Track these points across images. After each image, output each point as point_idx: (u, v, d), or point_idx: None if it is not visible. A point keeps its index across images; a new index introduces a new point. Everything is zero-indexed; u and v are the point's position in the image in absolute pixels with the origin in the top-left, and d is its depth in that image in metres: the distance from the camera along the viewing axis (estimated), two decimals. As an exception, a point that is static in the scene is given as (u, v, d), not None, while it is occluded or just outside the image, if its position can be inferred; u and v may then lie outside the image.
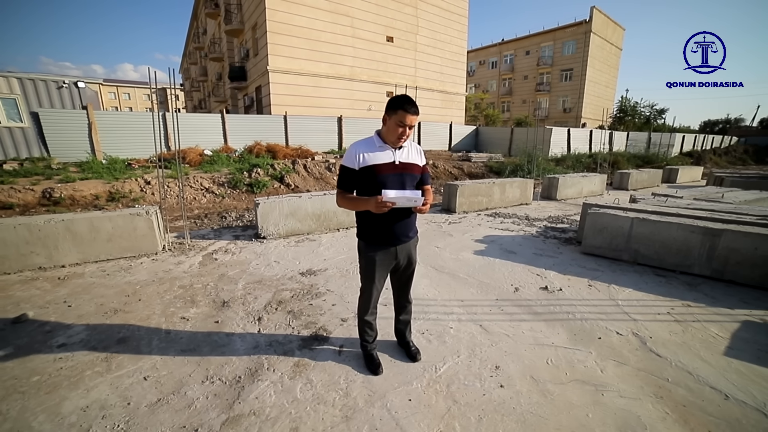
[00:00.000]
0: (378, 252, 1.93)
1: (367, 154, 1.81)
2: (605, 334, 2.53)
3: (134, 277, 3.55)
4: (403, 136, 1.78)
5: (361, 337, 2.17)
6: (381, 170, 1.81)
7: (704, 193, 5.82)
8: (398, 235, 1.92)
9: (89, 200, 7.24)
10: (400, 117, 1.73)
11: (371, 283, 2.00)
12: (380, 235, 1.90)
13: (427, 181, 2.01)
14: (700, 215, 3.95)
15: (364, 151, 1.82)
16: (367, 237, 1.94)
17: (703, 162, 19.14)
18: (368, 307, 2.07)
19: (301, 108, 14.91)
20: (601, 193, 9.22)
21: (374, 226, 1.89)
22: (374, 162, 1.81)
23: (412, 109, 1.74)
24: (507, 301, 3.03)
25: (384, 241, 1.92)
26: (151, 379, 2.05)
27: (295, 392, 1.95)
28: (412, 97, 1.85)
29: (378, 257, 1.94)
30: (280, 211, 4.81)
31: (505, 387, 1.98)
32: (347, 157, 1.83)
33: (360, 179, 1.83)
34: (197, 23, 28.76)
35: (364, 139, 1.87)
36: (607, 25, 32.68)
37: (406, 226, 1.94)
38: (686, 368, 2.15)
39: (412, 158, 1.91)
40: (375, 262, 1.94)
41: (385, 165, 1.82)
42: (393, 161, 1.83)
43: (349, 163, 1.82)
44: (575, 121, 30.83)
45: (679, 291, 3.26)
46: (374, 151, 1.82)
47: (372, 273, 1.97)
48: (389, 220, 1.86)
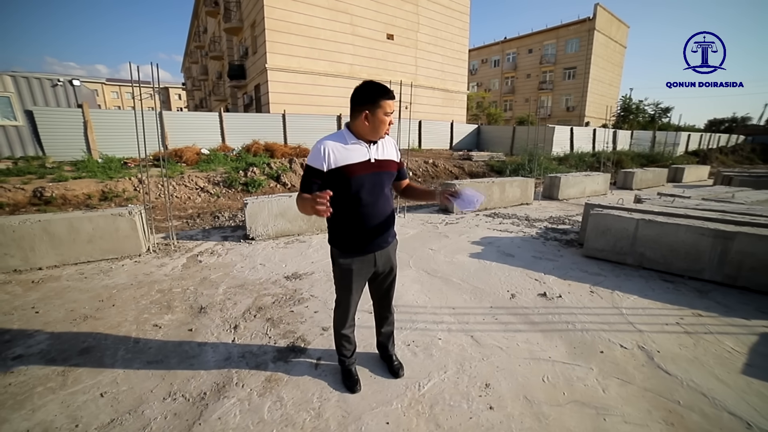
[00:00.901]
0: (354, 260, 1.72)
1: (338, 153, 1.55)
2: (608, 348, 2.32)
3: (112, 280, 3.38)
4: (388, 129, 1.61)
5: (338, 352, 1.98)
6: (355, 171, 1.56)
7: (713, 192, 5.57)
8: (377, 240, 1.72)
9: (81, 200, 7.10)
10: (385, 108, 1.53)
11: (348, 294, 1.79)
12: (356, 241, 1.69)
13: (405, 176, 1.85)
14: (710, 216, 3.72)
15: (333, 148, 1.55)
16: (341, 244, 1.72)
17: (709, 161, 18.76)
18: (345, 320, 1.87)
19: (300, 106, 14.74)
20: (604, 192, 8.97)
21: (349, 231, 1.68)
22: (347, 162, 1.56)
23: (391, 94, 1.56)
24: (502, 309, 2.82)
25: (361, 248, 1.70)
26: (109, 395, 1.87)
27: (262, 412, 1.76)
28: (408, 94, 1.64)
29: (355, 266, 1.72)
30: (269, 211, 4.63)
31: (494, 409, 1.78)
32: (313, 155, 1.56)
33: (329, 182, 1.57)
34: (198, 22, 28.70)
35: (333, 134, 1.62)
36: (611, 23, 32.24)
37: (386, 230, 1.74)
38: (700, 389, 1.93)
39: (388, 154, 1.69)
40: (352, 272, 1.73)
41: (360, 165, 1.58)
42: (368, 159, 1.60)
43: (315, 162, 1.55)
44: (578, 120, 30.45)
45: (688, 298, 3.04)
46: (346, 149, 1.58)
47: (348, 284, 1.76)
48: (366, 223, 1.66)
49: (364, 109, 1.54)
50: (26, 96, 9.47)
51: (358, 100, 1.56)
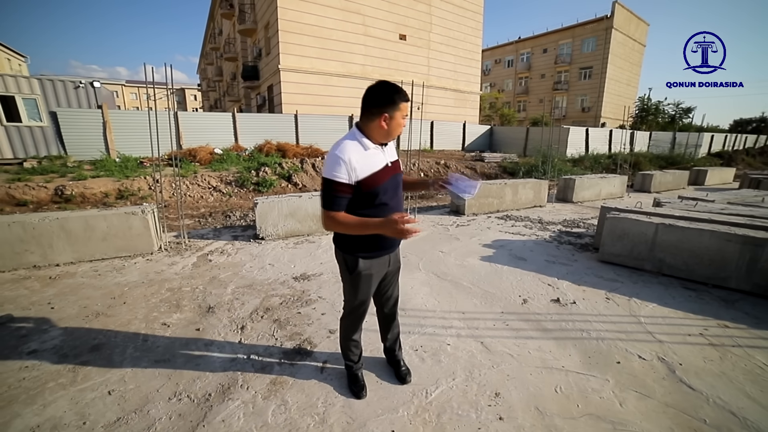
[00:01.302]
0: (373, 265, 1.62)
1: (362, 162, 1.43)
2: (625, 358, 2.21)
3: (125, 278, 3.44)
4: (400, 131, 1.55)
5: (345, 357, 1.93)
6: (379, 178, 1.47)
7: (740, 196, 5.31)
8: (396, 241, 1.68)
9: (99, 198, 7.30)
10: (404, 110, 1.47)
11: (365, 301, 1.71)
12: (378, 246, 1.58)
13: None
14: (737, 222, 3.54)
15: (357, 159, 1.42)
16: (362, 251, 1.57)
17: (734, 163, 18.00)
18: (356, 327, 1.82)
19: (312, 107, 14.83)
20: (621, 195, 8.69)
21: (373, 237, 1.53)
22: (372, 170, 1.45)
23: (407, 96, 1.51)
24: (513, 314, 2.74)
25: (380, 253, 1.62)
26: (116, 393, 1.88)
27: (266, 416, 1.74)
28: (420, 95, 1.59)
29: (374, 270, 1.63)
30: (279, 211, 4.64)
31: (504, 420, 1.71)
32: (335, 166, 1.39)
33: (357, 193, 1.45)
34: (213, 24, 29.27)
35: (347, 141, 1.45)
36: (630, 21, 31.38)
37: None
38: (729, 407, 1.81)
39: (394, 154, 1.65)
40: (371, 278, 1.63)
41: (382, 171, 1.49)
42: (386, 164, 1.53)
43: (341, 175, 1.39)
44: (594, 121, 29.74)
45: (713, 308, 2.89)
46: (367, 155, 1.46)
47: (367, 290, 1.67)
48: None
49: (383, 111, 1.43)
50: (51, 98, 9.81)
51: (375, 102, 1.44)
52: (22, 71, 30.53)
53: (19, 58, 30.82)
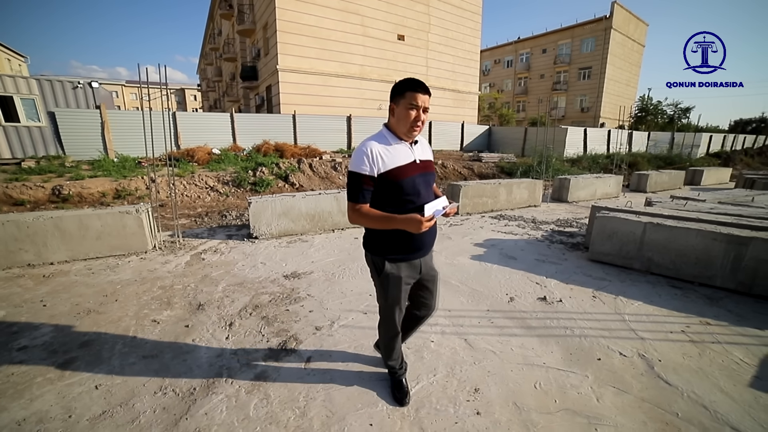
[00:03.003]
0: (402, 267, 1.59)
1: (385, 155, 1.44)
2: (606, 355, 2.24)
3: (118, 276, 3.48)
4: (418, 122, 1.45)
5: (386, 363, 1.87)
6: (404, 173, 1.46)
7: (731, 196, 5.34)
8: (425, 246, 1.61)
9: (96, 197, 7.35)
10: (409, 99, 1.42)
11: (395, 304, 1.64)
12: (406, 247, 1.56)
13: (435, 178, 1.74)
14: (724, 221, 3.57)
15: (380, 151, 1.44)
16: (389, 251, 1.56)
17: (732, 163, 18.00)
18: (395, 332, 1.75)
19: (311, 107, 14.87)
20: (616, 195, 8.72)
21: (399, 237, 1.52)
22: (395, 164, 1.45)
23: (421, 87, 1.43)
24: (499, 312, 2.77)
25: (409, 255, 1.59)
26: (103, 388, 1.92)
27: (248, 409, 1.77)
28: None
29: (403, 273, 1.59)
30: (273, 210, 4.68)
31: (481, 414, 1.74)
32: (358, 159, 1.43)
33: (378, 186, 1.47)
34: (213, 24, 29.34)
35: (374, 135, 1.51)
36: (629, 21, 31.38)
37: (433, 235, 1.65)
38: (701, 401, 1.84)
39: (427, 153, 1.62)
40: (401, 280, 1.59)
41: (407, 166, 1.47)
42: (414, 160, 1.51)
43: (362, 167, 1.42)
44: (593, 121, 29.74)
45: (697, 306, 2.92)
46: (391, 150, 1.47)
47: (397, 296, 1.61)
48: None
49: (392, 102, 1.50)
50: (49, 98, 9.86)
51: (391, 95, 1.50)
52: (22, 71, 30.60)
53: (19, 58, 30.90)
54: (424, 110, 1.46)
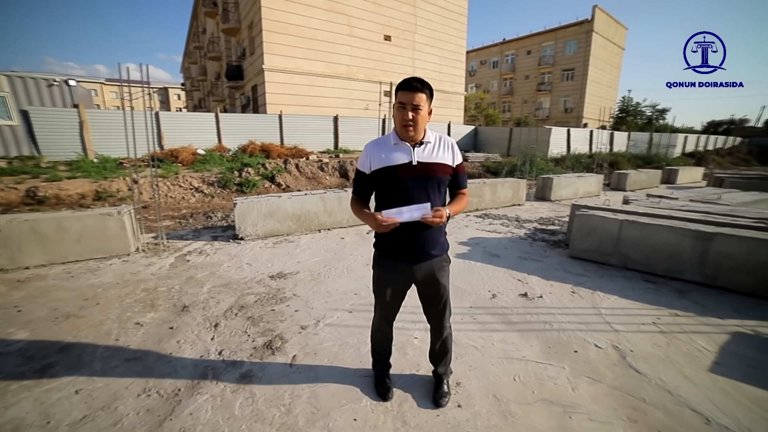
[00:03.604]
0: (388, 266, 1.66)
1: (380, 155, 1.54)
2: (582, 347, 2.35)
3: (99, 279, 3.41)
4: (408, 123, 1.46)
5: (372, 358, 1.98)
6: (394, 173, 1.51)
7: (701, 194, 5.60)
8: (414, 250, 1.59)
9: (75, 199, 7.13)
10: (398, 99, 1.47)
11: (380, 300, 1.76)
12: (392, 247, 1.61)
13: (462, 183, 1.65)
14: (693, 218, 3.75)
15: (375, 150, 1.55)
16: (379, 247, 1.68)
17: (705, 163, 18.79)
18: (377, 325, 1.85)
19: (297, 107, 14.77)
20: (597, 194, 9.00)
21: (386, 235, 1.58)
22: (387, 164, 1.52)
23: (410, 85, 1.44)
24: (481, 309, 2.85)
25: (396, 255, 1.62)
26: (84, 392, 1.90)
27: (233, 408, 1.79)
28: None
29: (387, 273, 1.67)
30: (258, 211, 4.66)
31: (463, 407, 1.80)
32: (360, 158, 1.62)
33: (374, 184, 1.60)
34: (197, 23, 28.78)
35: (382, 137, 1.62)
36: (609, 25, 32.31)
37: (424, 241, 1.59)
38: (666, 387, 1.96)
39: (439, 156, 1.55)
40: (383, 278, 1.69)
41: (400, 167, 1.51)
42: (410, 162, 1.52)
43: (360, 165, 1.61)
44: (576, 122, 30.49)
45: (667, 299, 3.07)
46: (388, 151, 1.54)
47: (380, 290, 1.73)
48: (403, 230, 1.53)
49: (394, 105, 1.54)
50: (21, 96, 9.50)
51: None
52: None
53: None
54: (415, 109, 1.45)
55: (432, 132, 1.60)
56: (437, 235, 1.62)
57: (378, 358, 1.94)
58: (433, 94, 1.55)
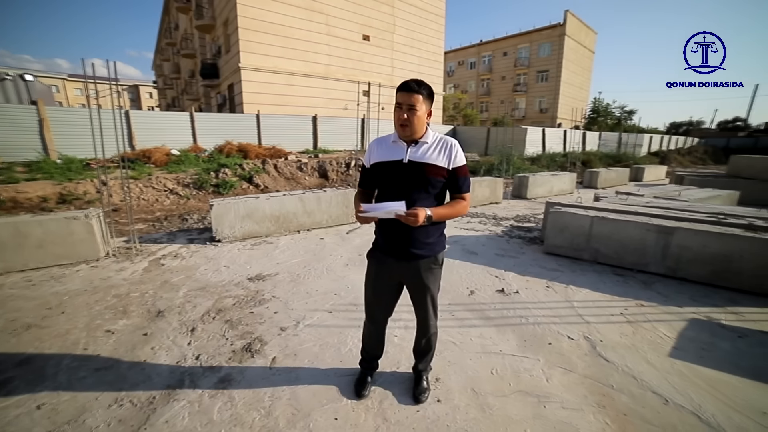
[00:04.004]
0: (378, 260, 1.72)
1: (379, 150, 1.63)
2: (556, 339, 2.45)
3: (64, 286, 3.24)
4: (404, 123, 1.50)
5: (360, 355, 2.00)
6: (383, 170, 1.59)
7: (664, 191, 5.94)
8: (399, 247, 1.60)
9: (35, 203, 6.71)
10: (396, 99, 1.52)
11: (369, 294, 1.81)
12: (383, 242, 1.67)
13: (460, 188, 1.59)
14: (655, 213, 3.98)
15: (376, 146, 1.65)
16: (375, 240, 1.75)
17: (668, 161, 19.93)
18: (367, 319, 1.89)
19: (275, 107, 14.51)
20: (571, 191, 9.36)
21: (377, 229, 1.70)
22: (381, 159, 1.60)
23: (407, 86, 1.48)
24: (460, 305, 2.92)
25: (385, 250, 1.67)
26: (47, 407, 1.80)
27: (211, 413, 1.75)
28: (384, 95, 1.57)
29: (377, 266, 1.74)
30: (236, 212, 4.56)
31: (442, 402, 1.84)
32: (366, 153, 1.72)
33: (372, 177, 1.68)
34: (169, 18, 27.69)
35: (386, 135, 1.68)
36: (580, 29, 33.63)
37: (410, 239, 1.58)
38: (632, 372, 2.08)
39: (431, 157, 1.54)
40: (372, 270, 1.77)
41: (391, 164, 1.57)
42: (401, 159, 1.55)
43: (364, 159, 1.72)
44: (551, 122, 31.56)
45: (634, 290, 3.25)
46: (386, 147, 1.61)
47: (368, 282, 1.80)
48: (388, 225, 1.58)
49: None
50: (-29, 92, 8.84)
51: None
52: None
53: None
54: (410, 109, 1.48)
55: (434, 133, 1.61)
56: (423, 236, 1.60)
57: (364, 356, 1.96)
58: (434, 96, 1.60)
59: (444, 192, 1.63)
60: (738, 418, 1.75)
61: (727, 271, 3.21)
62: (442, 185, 1.58)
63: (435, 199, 1.59)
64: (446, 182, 1.58)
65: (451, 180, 1.58)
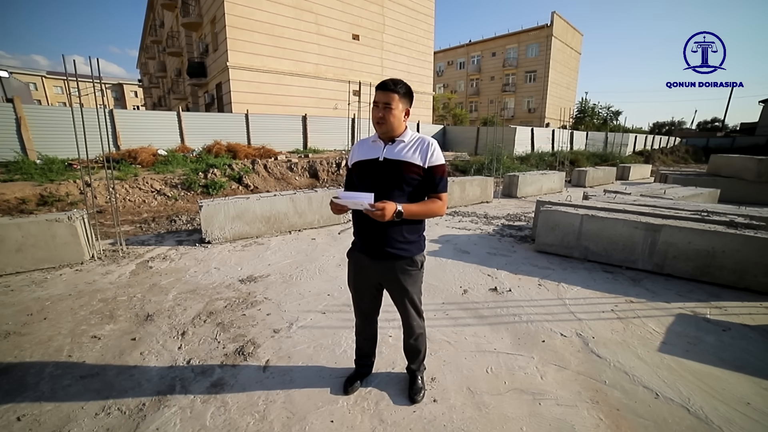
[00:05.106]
0: (355, 259, 1.74)
1: (360, 150, 1.66)
2: (549, 337, 2.47)
3: (46, 291, 3.13)
4: (379, 120, 1.52)
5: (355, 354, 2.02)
6: (360, 168, 1.62)
7: (650, 189, 6.08)
8: (375, 246, 1.58)
9: (13, 204, 6.46)
10: (374, 98, 1.55)
11: (351, 291, 1.84)
12: (358, 239, 1.69)
13: (435, 186, 1.55)
14: (643, 211, 4.07)
15: (358, 146, 1.68)
16: (353, 240, 1.76)
17: (652, 160, 20.45)
18: (356, 317, 1.91)
19: (264, 106, 14.34)
20: (560, 190, 9.51)
21: (354, 227, 1.70)
22: (359, 158, 1.63)
23: (383, 84, 1.51)
24: (453, 304, 2.93)
25: (360, 248, 1.68)
26: (28, 418, 1.73)
27: (204, 419, 1.71)
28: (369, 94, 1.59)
29: (354, 265, 1.76)
30: (226, 213, 4.48)
31: (438, 401, 1.84)
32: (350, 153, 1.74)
33: (353, 176, 1.70)
34: (154, 14, 27.10)
35: (368, 136, 1.71)
36: (567, 31, 34.20)
37: (385, 238, 1.55)
38: (623, 368, 2.12)
39: (406, 156, 1.52)
40: (350, 270, 1.79)
41: (368, 162, 1.59)
42: (377, 158, 1.56)
43: (348, 159, 1.74)
44: (540, 121, 32.02)
45: (623, 287, 3.31)
46: (366, 147, 1.64)
47: (349, 280, 1.82)
48: (363, 223, 1.57)
49: None
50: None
51: None
52: None
53: None
54: (386, 107, 1.50)
55: (413, 132, 1.62)
56: (399, 236, 1.56)
57: (358, 353, 1.97)
58: (412, 96, 1.60)
59: (420, 191, 1.57)
60: (723, 409, 1.80)
61: (710, 266, 3.30)
62: (417, 183, 1.54)
63: (409, 199, 1.55)
64: (422, 181, 1.55)
65: (427, 179, 1.54)
